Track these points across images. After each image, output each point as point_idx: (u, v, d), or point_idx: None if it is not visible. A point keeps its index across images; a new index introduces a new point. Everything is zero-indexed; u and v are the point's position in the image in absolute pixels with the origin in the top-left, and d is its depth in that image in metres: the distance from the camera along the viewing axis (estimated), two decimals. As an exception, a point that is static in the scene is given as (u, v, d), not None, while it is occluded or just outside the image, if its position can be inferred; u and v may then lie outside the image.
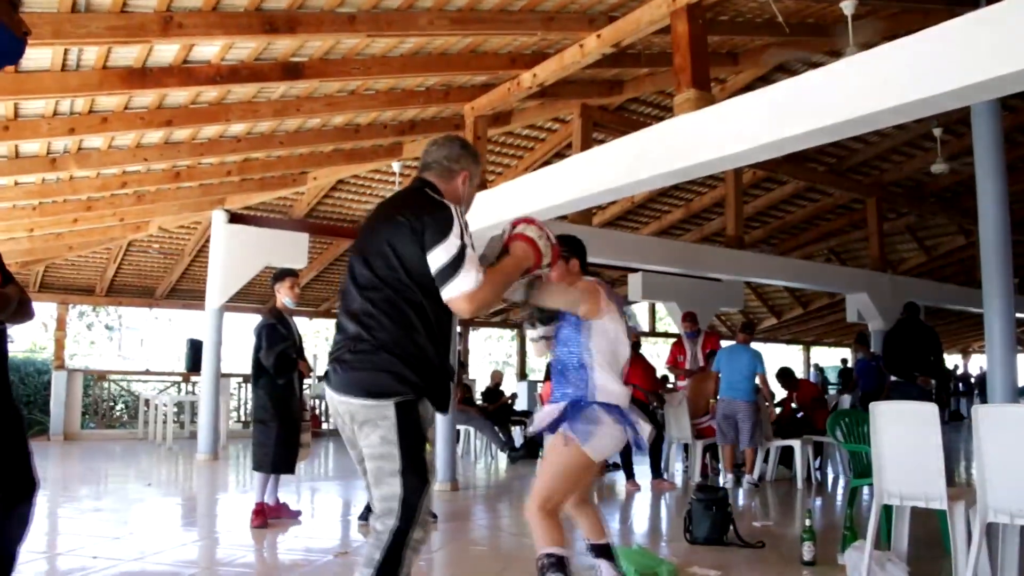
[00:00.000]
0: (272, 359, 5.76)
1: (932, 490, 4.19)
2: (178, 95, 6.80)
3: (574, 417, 3.31)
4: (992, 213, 6.21)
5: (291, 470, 5.95)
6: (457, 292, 2.62)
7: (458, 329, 12.36)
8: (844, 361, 21.23)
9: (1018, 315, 7.69)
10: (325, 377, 2.85)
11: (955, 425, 14.51)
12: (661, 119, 5.83)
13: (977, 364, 24.33)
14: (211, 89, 6.66)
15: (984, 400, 10.93)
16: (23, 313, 2.90)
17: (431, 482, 2.76)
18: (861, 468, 5.22)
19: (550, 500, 3.32)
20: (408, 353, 2.68)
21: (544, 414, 3.49)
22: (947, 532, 4.23)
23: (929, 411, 4.28)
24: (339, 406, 2.76)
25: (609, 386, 3.40)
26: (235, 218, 10.46)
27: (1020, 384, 7.40)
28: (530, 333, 3.57)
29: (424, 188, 2.88)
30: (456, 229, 2.67)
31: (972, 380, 21.67)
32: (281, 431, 5.80)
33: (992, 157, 6.31)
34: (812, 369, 22.74)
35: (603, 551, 3.61)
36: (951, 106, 4.23)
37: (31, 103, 6.46)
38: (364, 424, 2.68)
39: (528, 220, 3.04)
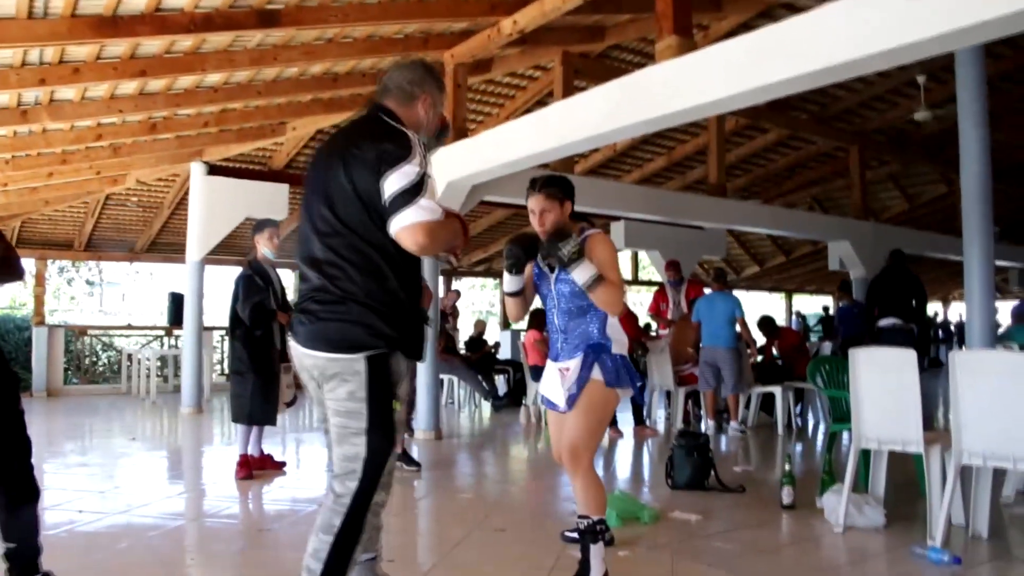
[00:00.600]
0: (248, 310, 5.74)
1: (909, 434, 4.25)
2: (151, 44, 6.66)
3: (604, 362, 3.24)
4: (974, 161, 6.21)
5: (270, 421, 5.95)
6: (409, 222, 2.41)
7: (440, 279, 12.36)
8: (826, 309, 21.39)
9: (998, 262, 7.76)
10: (290, 329, 2.68)
11: (935, 372, 14.68)
12: (643, 66, 5.75)
13: (957, 312, 24.54)
14: (185, 38, 6.52)
15: (962, 347, 11.05)
16: (8, 271, 2.84)
17: (397, 443, 2.61)
18: (840, 414, 5.28)
19: (592, 451, 3.26)
20: (380, 302, 2.52)
21: (563, 376, 3.30)
22: (923, 475, 4.30)
23: (907, 357, 4.32)
24: (304, 360, 2.61)
25: (617, 335, 3.34)
26: (214, 170, 10.33)
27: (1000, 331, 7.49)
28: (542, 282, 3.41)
29: (380, 115, 2.68)
30: (415, 157, 2.49)
31: (952, 328, 21.87)
32: (258, 382, 5.80)
33: (975, 105, 6.29)
34: (794, 317, 22.90)
35: None
36: (935, 52, 4.19)
37: (-3, 52, 6.31)
38: (332, 378, 2.53)
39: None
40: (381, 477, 2.53)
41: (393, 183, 2.44)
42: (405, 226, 2.42)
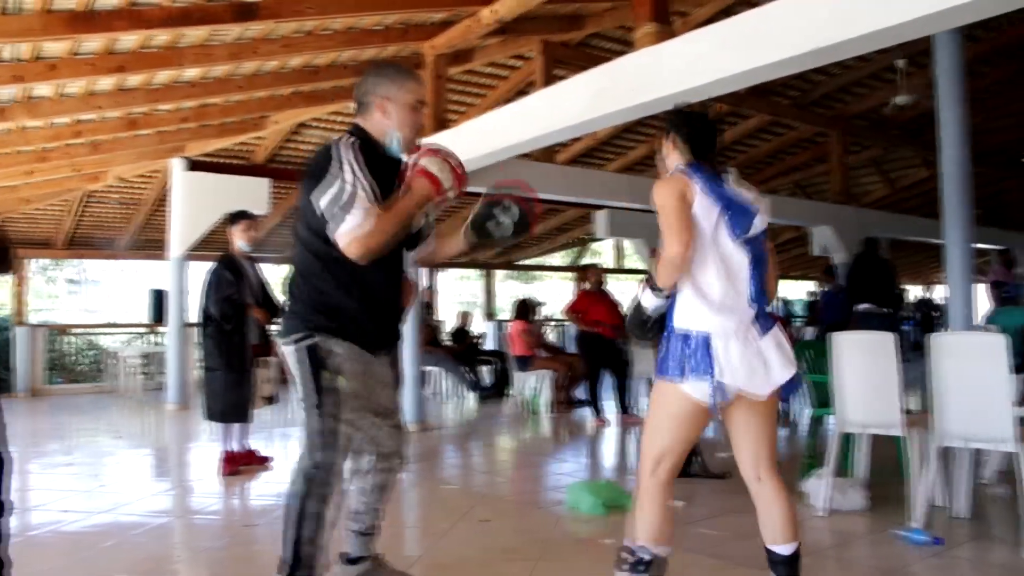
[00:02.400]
0: (217, 305, 5.70)
1: (890, 418, 4.28)
2: (128, 39, 6.60)
3: (659, 348, 2.76)
4: (953, 145, 6.25)
5: (243, 419, 5.88)
6: (340, 234, 2.61)
7: (424, 271, 12.34)
8: (812, 294, 21.45)
9: (977, 245, 7.80)
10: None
11: (918, 354, 14.75)
12: (623, 54, 5.76)
13: (938, 295, 24.64)
14: (162, 32, 6.48)
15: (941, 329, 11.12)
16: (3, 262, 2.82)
17: (343, 418, 2.80)
18: (823, 398, 5.32)
19: (654, 459, 2.74)
20: (313, 299, 2.83)
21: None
22: (904, 458, 4.33)
23: (887, 341, 4.35)
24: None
25: (685, 307, 2.72)
26: (195, 165, 10.27)
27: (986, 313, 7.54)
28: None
29: (344, 135, 2.84)
30: (335, 169, 2.65)
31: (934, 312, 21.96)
32: (230, 379, 5.74)
33: (954, 88, 6.33)
34: (778, 302, 22.97)
35: None
36: (914, 35, 4.21)
37: (-31, 50, 6.25)
38: (290, 365, 2.86)
39: (432, 151, 2.85)
40: (335, 447, 2.79)
41: (319, 198, 2.68)
42: (337, 240, 2.64)
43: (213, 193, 10.14)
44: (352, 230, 2.60)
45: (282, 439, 7.76)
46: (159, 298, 12.52)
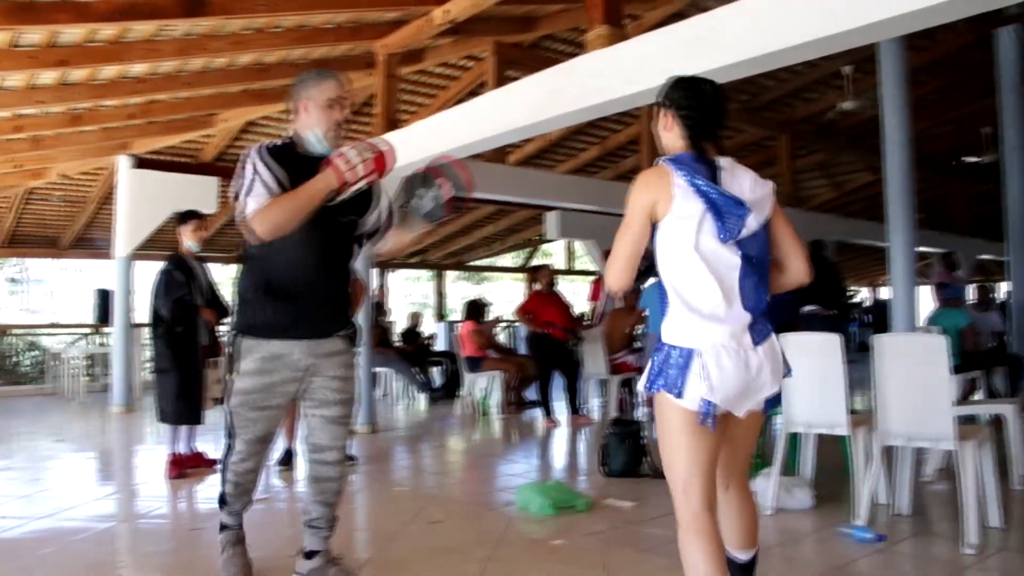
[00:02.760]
0: (167, 307, 5.62)
1: (836, 418, 4.36)
2: (71, 32, 6.46)
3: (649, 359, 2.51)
4: (897, 150, 6.37)
5: (196, 420, 5.80)
6: (247, 217, 2.89)
7: (374, 271, 12.26)
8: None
9: (920, 248, 7.96)
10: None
11: (864, 355, 15.03)
12: (575, 56, 5.78)
13: (881, 296, 25.13)
14: (107, 26, 6.35)
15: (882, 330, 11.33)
16: None
17: (230, 408, 3.17)
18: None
19: (673, 482, 2.42)
20: (238, 300, 3.19)
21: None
22: (849, 457, 4.41)
23: (833, 342, 4.42)
24: None
25: (668, 317, 2.45)
26: (141, 163, 10.08)
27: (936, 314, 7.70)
28: None
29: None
30: (240, 170, 2.98)
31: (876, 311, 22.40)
32: (181, 381, 5.66)
33: (897, 95, 6.46)
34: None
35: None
36: (858, 43, 4.29)
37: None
38: None
39: (354, 143, 3.05)
40: (231, 436, 3.20)
41: (234, 196, 3.01)
42: (247, 224, 2.89)
43: (160, 191, 9.97)
44: (253, 211, 2.87)
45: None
46: (104, 298, 12.27)
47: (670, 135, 2.52)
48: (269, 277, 3.07)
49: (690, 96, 2.49)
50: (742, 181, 2.46)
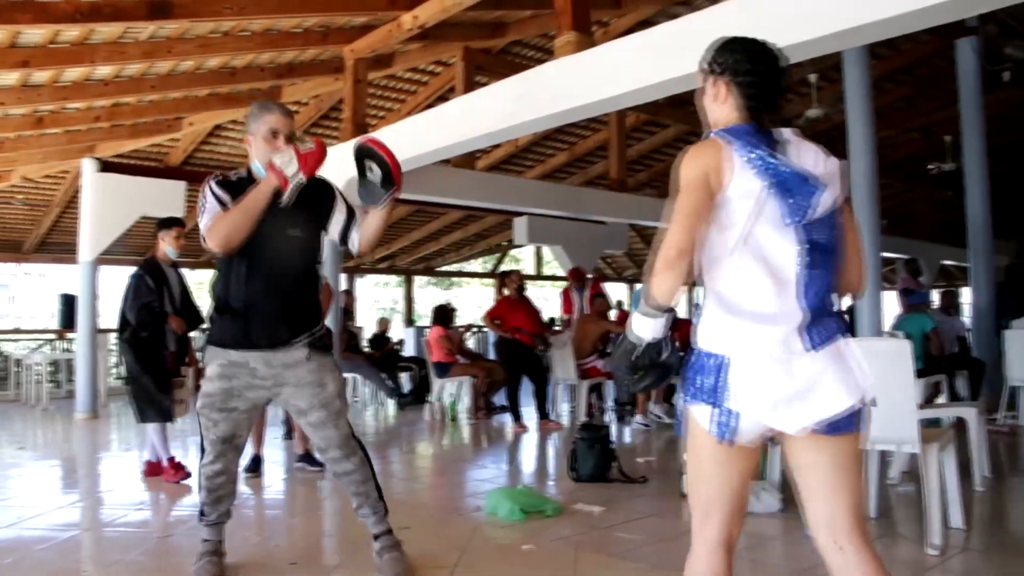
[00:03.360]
0: (134, 312, 5.57)
1: (802, 420, 4.38)
2: (34, 33, 6.39)
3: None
4: (862, 157, 6.48)
5: (168, 418, 5.74)
6: (203, 234, 3.20)
7: (343, 276, 12.20)
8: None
9: (884, 254, 8.06)
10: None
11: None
12: (544, 62, 5.81)
13: (847, 302, 25.41)
14: (71, 28, 6.29)
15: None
16: None
17: (198, 412, 3.41)
18: (738, 402, 5.42)
19: (699, 525, 2.11)
20: (211, 313, 3.45)
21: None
22: (816, 459, 4.44)
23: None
24: None
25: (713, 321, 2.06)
26: (106, 166, 9.96)
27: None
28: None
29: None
30: (200, 199, 3.29)
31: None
32: (152, 382, 5.60)
33: (862, 103, 6.57)
34: (694, 308, 23.39)
35: None
36: (823, 51, 4.36)
37: None
38: None
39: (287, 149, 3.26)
40: (204, 442, 3.46)
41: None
42: (202, 240, 3.20)
43: (126, 195, 9.87)
44: (205, 226, 3.18)
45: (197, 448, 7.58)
46: (69, 303, 12.10)
47: (724, 107, 2.10)
48: (227, 292, 3.32)
49: (749, 59, 2.11)
50: (805, 156, 2.04)
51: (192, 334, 6.05)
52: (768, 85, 2.08)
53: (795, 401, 1.93)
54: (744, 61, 2.10)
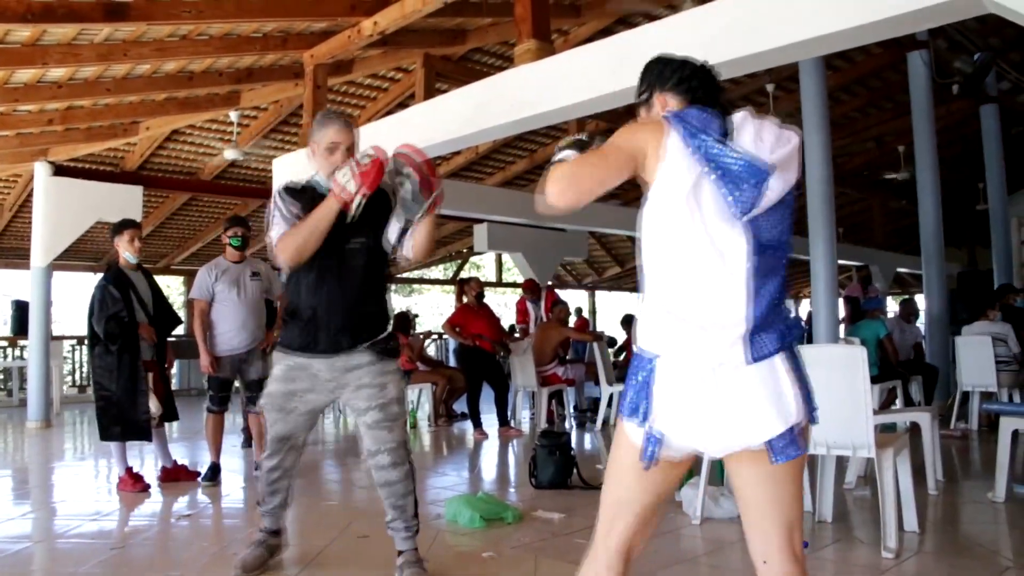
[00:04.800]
0: (101, 324, 5.43)
1: (759, 426, 4.43)
2: (-18, 33, 6.27)
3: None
4: (818, 166, 6.58)
5: (142, 436, 5.62)
6: (272, 248, 3.36)
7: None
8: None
9: (840, 262, 8.18)
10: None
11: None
12: (504, 70, 5.82)
13: (805, 309, 25.76)
14: (22, 28, 6.17)
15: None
16: None
17: (269, 417, 3.57)
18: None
19: (604, 529, 2.02)
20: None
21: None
22: (773, 465, 4.49)
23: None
24: None
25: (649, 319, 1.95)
26: (60, 170, 9.80)
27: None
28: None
29: None
30: (269, 209, 3.44)
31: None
32: (122, 397, 5.47)
33: (818, 113, 6.68)
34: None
35: None
36: (779, 62, 4.43)
37: None
38: None
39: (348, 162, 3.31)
40: (266, 443, 3.64)
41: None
42: (270, 252, 3.39)
43: (81, 200, 9.72)
44: (273, 241, 3.33)
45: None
46: (21, 309, 11.86)
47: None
48: (294, 301, 3.47)
49: (680, 66, 2.09)
50: (766, 134, 1.85)
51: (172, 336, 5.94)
52: (707, 81, 2.07)
53: (721, 422, 1.82)
54: (677, 68, 2.09)
